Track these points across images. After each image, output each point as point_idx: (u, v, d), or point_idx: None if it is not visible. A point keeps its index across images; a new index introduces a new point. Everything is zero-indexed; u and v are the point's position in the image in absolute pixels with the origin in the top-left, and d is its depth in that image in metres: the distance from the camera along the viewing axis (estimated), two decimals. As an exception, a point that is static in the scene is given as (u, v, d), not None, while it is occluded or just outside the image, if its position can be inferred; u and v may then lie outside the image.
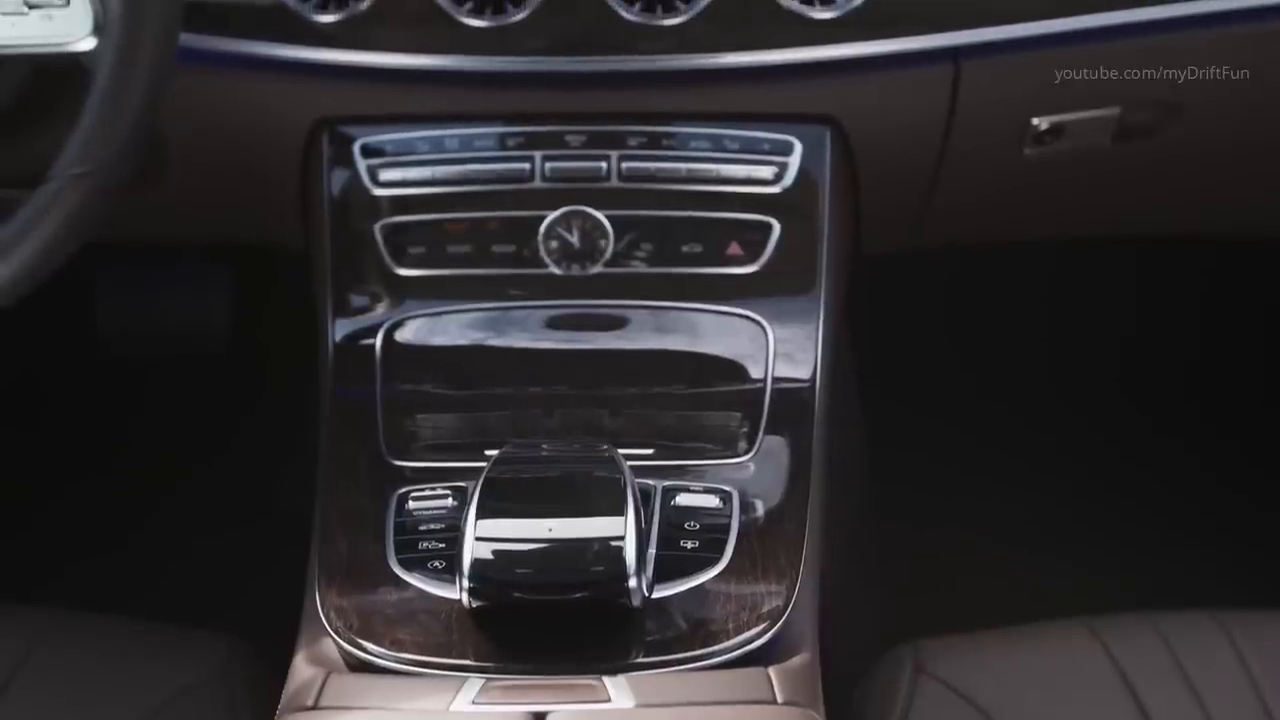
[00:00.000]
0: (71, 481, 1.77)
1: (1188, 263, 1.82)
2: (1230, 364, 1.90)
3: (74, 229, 0.95)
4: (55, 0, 0.94)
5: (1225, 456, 1.79)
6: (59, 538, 1.69)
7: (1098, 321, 1.91)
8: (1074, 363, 1.90)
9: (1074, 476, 1.78)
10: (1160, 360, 1.90)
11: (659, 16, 1.12)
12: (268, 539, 1.32)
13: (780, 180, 1.17)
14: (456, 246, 1.16)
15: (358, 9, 1.12)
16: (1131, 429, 1.83)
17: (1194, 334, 1.92)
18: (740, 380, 1.14)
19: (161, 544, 1.69)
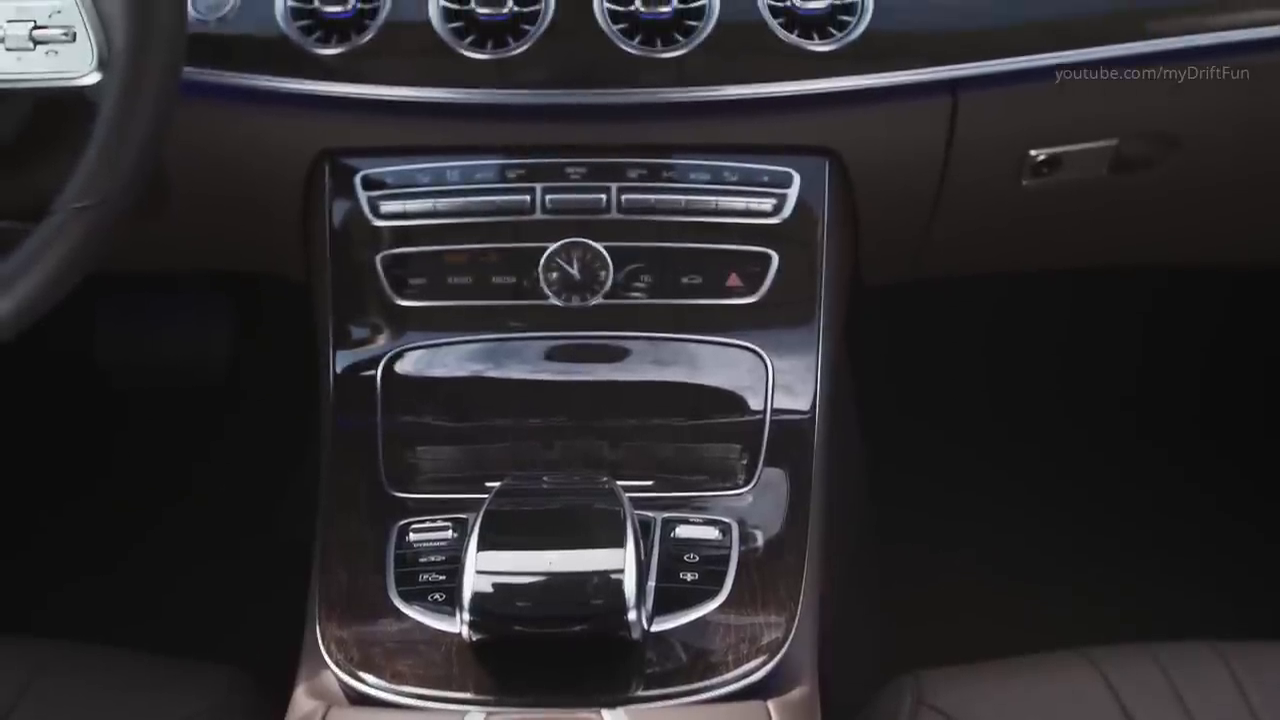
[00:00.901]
0: (72, 509, 1.77)
1: (1194, 289, 1.82)
2: (1236, 391, 1.90)
3: (77, 262, 0.96)
4: (61, 36, 0.95)
5: (1229, 484, 1.79)
6: (59, 565, 1.69)
7: (1101, 347, 1.91)
8: (1077, 388, 1.90)
9: (1074, 503, 1.78)
10: (1166, 386, 1.89)
11: (659, 49, 1.13)
12: (267, 567, 1.32)
13: (779, 212, 1.17)
14: (457, 278, 1.17)
15: (360, 42, 1.13)
16: (1135, 456, 1.83)
17: (1200, 360, 1.91)
18: (740, 412, 1.14)
19: (161, 572, 1.69)
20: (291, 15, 1.13)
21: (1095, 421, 1.87)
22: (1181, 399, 1.89)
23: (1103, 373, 1.91)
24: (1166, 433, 1.85)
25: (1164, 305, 1.88)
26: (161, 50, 0.94)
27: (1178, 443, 1.84)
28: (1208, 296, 1.86)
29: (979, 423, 1.83)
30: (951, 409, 1.83)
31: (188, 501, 1.76)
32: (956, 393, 1.85)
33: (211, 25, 1.13)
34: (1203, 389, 1.90)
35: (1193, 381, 1.90)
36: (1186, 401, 1.89)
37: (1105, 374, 1.91)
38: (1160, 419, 1.87)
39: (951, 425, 1.81)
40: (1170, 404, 1.88)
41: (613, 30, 1.13)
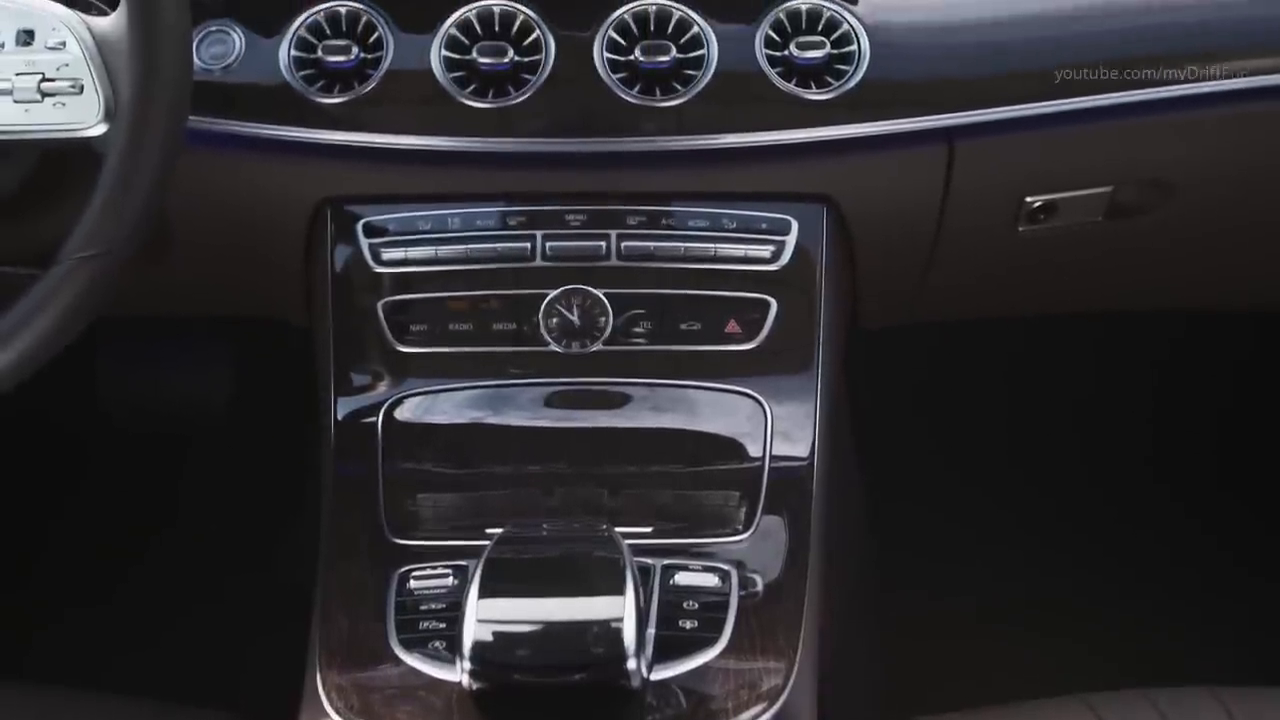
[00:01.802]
0: (71, 549, 1.77)
1: (1208, 333, 1.81)
2: (1250, 435, 1.88)
3: (81, 311, 0.96)
4: (69, 88, 0.96)
5: (1234, 530, 1.78)
6: (58, 605, 1.69)
7: (1109, 388, 1.91)
8: (1082, 431, 1.89)
9: (1075, 547, 1.78)
10: (1177, 429, 1.88)
11: (658, 98, 1.14)
12: (267, 610, 1.32)
13: (778, 259, 1.18)
14: (458, 324, 1.18)
15: (362, 91, 1.14)
16: (1139, 498, 1.83)
17: (1213, 402, 1.90)
18: (738, 459, 1.15)
19: (159, 613, 1.69)
20: (295, 65, 1.14)
21: (1102, 467, 1.86)
22: (1193, 442, 1.88)
23: (1110, 415, 1.90)
24: (1173, 475, 1.85)
25: (1176, 347, 1.88)
26: (167, 102, 0.96)
27: (1183, 485, 1.84)
28: (1221, 338, 1.85)
29: (981, 464, 1.83)
30: (955, 450, 1.83)
31: (187, 543, 1.76)
32: (960, 434, 1.85)
33: (216, 74, 1.14)
34: (1218, 432, 1.89)
35: (1207, 425, 1.89)
36: (1198, 445, 1.88)
37: (1112, 416, 1.90)
38: (1169, 461, 1.86)
39: (954, 466, 1.81)
40: (1180, 447, 1.87)
41: (612, 79, 1.14)
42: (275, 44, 1.14)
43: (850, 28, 1.15)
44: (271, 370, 1.74)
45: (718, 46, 1.14)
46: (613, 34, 1.15)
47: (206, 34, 1.14)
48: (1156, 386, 1.91)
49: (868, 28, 1.15)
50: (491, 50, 1.13)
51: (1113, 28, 1.18)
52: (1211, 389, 1.91)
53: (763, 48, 1.14)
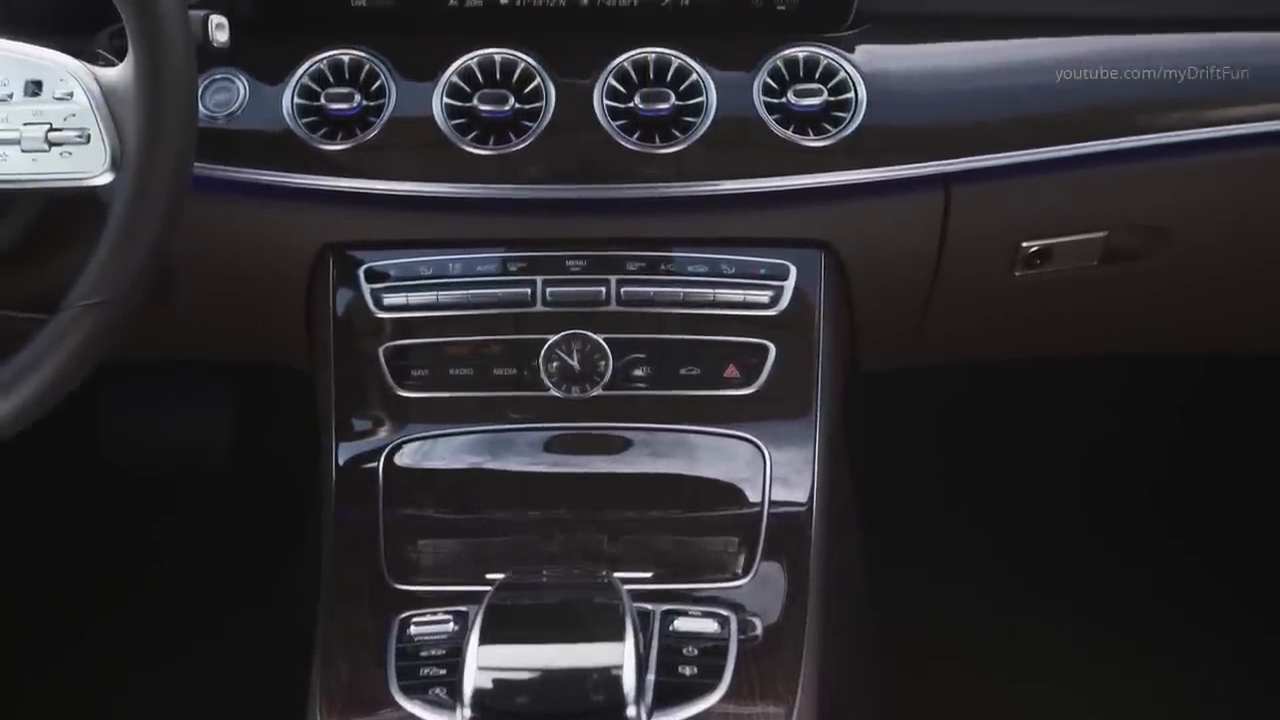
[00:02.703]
0: (71, 589, 1.77)
1: (1214, 375, 1.81)
2: (1260, 481, 1.86)
3: (87, 357, 0.97)
4: (76, 138, 0.97)
5: (1239, 575, 1.77)
6: (56, 644, 1.69)
7: (1109, 432, 1.90)
8: (1084, 475, 1.88)
9: (1076, 591, 1.77)
10: (1180, 475, 1.87)
11: (657, 145, 1.15)
12: (267, 653, 1.32)
13: (776, 304, 1.19)
14: (459, 369, 1.18)
15: (364, 138, 1.15)
16: (1142, 545, 1.82)
17: (1222, 447, 1.89)
18: (738, 504, 1.15)
19: (159, 654, 1.69)
20: (298, 112, 1.15)
21: (1101, 508, 1.85)
22: (1200, 486, 1.86)
23: (1112, 458, 1.89)
24: (1178, 521, 1.83)
25: (1181, 389, 1.87)
26: (172, 151, 0.97)
27: (1188, 530, 1.82)
28: (1227, 380, 1.84)
29: (982, 508, 1.82)
30: (955, 494, 1.83)
31: (187, 584, 1.76)
32: (960, 478, 1.84)
33: (220, 121, 1.15)
34: (1225, 476, 1.87)
35: (1214, 469, 1.88)
36: (1204, 489, 1.86)
37: (1115, 459, 1.89)
38: (1174, 507, 1.84)
39: (954, 510, 1.81)
40: (1186, 491, 1.86)
41: (612, 126, 1.15)
42: (279, 91, 1.16)
43: (847, 75, 1.16)
44: (272, 413, 1.74)
45: (716, 94, 1.15)
46: (613, 82, 1.16)
47: (211, 82, 1.16)
48: (1161, 429, 1.90)
49: (864, 75, 1.16)
50: (493, 98, 1.15)
51: (1105, 74, 1.19)
52: (1219, 432, 1.90)
53: (761, 95, 1.16)
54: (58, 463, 1.81)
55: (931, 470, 1.84)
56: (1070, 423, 1.90)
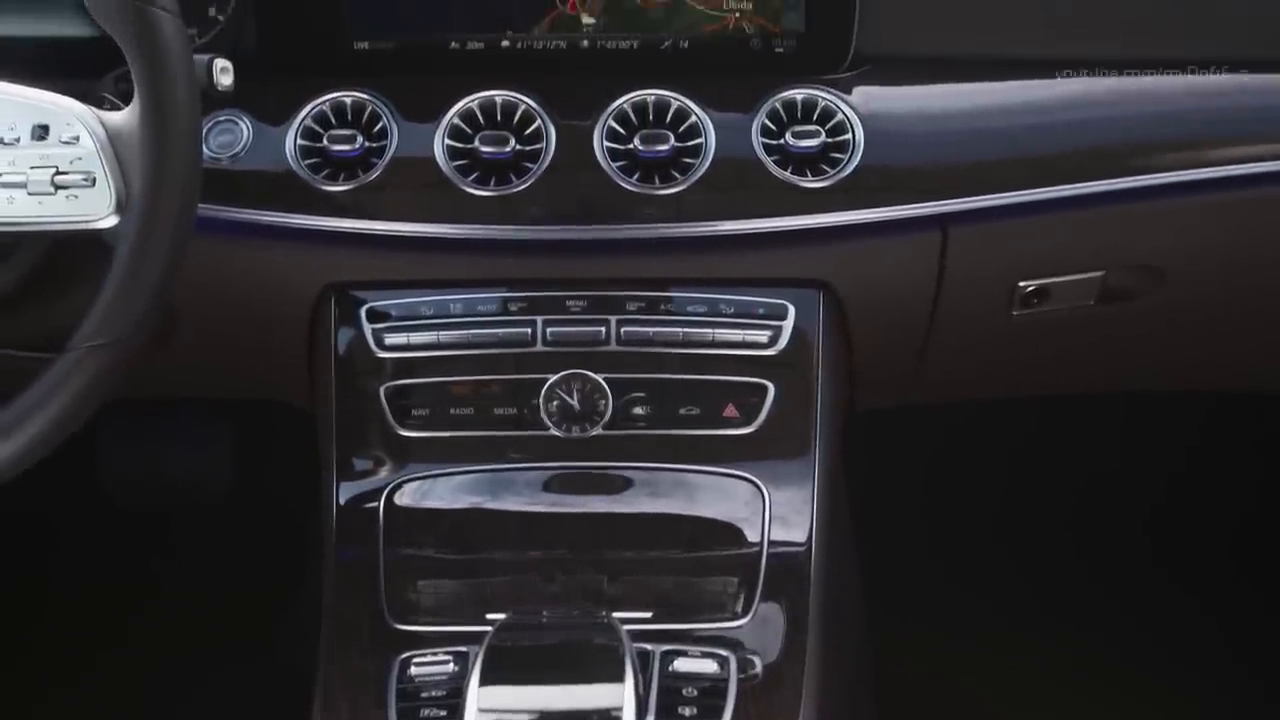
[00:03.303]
0: (70, 628, 1.77)
1: (1222, 412, 1.80)
2: (1264, 527, 1.84)
3: (90, 399, 0.98)
4: (81, 181, 0.98)
5: (1240, 625, 1.76)
6: (55, 684, 1.69)
7: (1110, 470, 1.89)
8: (1085, 514, 1.88)
9: (1075, 633, 1.76)
10: (1185, 515, 1.86)
11: (657, 186, 1.16)
12: (267, 692, 1.32)
13: (775, 343, 1.20)
14: (459, 408, 1.19)
15: (366, 179, 1.16)
16: (1139, 587, 1.81)
17: (1231, 487, 1.87)
18: (737, 544, 1.16)
19: (159, 694, 1.68)
20: (301, 153, 1.16)
21: (1101, 549, 1.84)
22: (1202, 527, 1.85)
23: (1113, 497, 1.88)
24: (1177, 565, 1.82)
25: (1181, 428, 1.86)
26: (177, 194, 0.97)
27: (1188, 576, 1.81)
28: (1230, 420, 1.83)
29: (982, 548, 1.82)
30: (955, 533, 1.82)
31: (187, 622, 1.76)
32: (960, 516, 1.84)
33: (224, 162, 1.16)
34: (1231, 518, 1.85)
35: (1218, 510, 1.86)
36: (1206, 534, 1.84)
37: (1116, 498, 1.88)
38: (1174, 550, 1.83)
39: (954, 550, 1.80)
40: (1187, 536, 1.84)
41: (612, 168, 1.16)
42: (282, 133, 1.17)
43: (845, 117, 1.17)
44: (272, 451, 1.74)
45: (715, 135, 1.16)
46: (612, 123, 1.17)
47: (215, 123, 1.17)
48: (1161, 467, 1.89)
49: (862, 116, 1.17)
50: (494, 139, 1.16)
51: (1102, 115, 1.20)
52: (1219, 470, 1.89)
53: (759, 136, 1.16)
54: (57, 498, 1.81)
55: (930, 507, 1.84)
56: (1070, 460, 1.90)
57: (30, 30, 1.17)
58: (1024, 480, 1.87)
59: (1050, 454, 1.89)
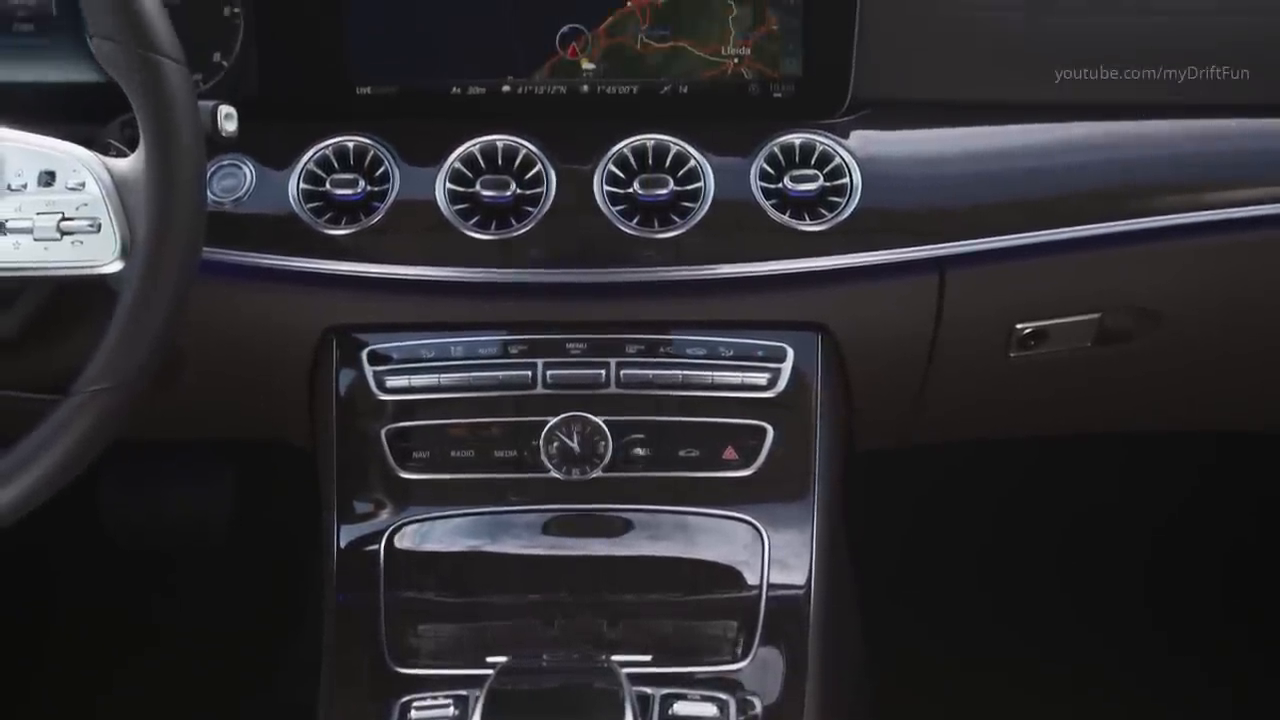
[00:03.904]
0: (69, 665, 1.76)
1: (1223, 452, 1.79)
2: (1261, 571, 1.84)
3: (94, 443, 0.98)
4: (87, 227, 0.99)
5: (1234, 670, 1.75)
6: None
7: (1114, 511, 1.89)
8: (1089, 554, 1.87)
9: (1076, 674, 1.75)
10: (1180, 561, 1.85)
11: (656, 229, 1.17)
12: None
13: (774, 386, 1.20)
14: (459, 451, 1.20)
15: (368, 223, 1.17)
16: (1134, 638, 1.79)
17: (1231, 527, 1.87)
18: (737, 587, 1.16)
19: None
20: (303, 197, 1.17)
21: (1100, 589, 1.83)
22: (1200, 567, 1.84)
23: (1112, 538, 1.87)
24: (1172, 609, 1.81)
25: (1181, 470, 1.85)
26: (182, 240, 0.98)
27: (1184, 621, 1.80)
28: (1233, 461, 1.82)
29: (982, 589, 1.81)
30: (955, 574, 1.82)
31: (188, 662, 1.75)
32: (960, 557, 1.83)
33: (227, 206, 1.17)
34: (1228, 560, 1.84)
35: (1216, 550, 1.85)
36: (1203, 581, 1.83)
37: (1114, 539, 1.88)
38: (1170, 593, 1.82)
39: (954, 591, 1.80)
40: (1185, 580, 1.83)
41: (612, 211, 1.17)
42: (285, 177, 1.18)
43: (842, 161, 1.18)
44: (272, 491, 1.75)
45: (714, 179, 1.17)
46: (612, 167, 1.18)
47: (219, 167, 1.18)
48: (1158, 509, 1.88)
49: (859, 160, 1.18)
50: (494, 183, 1.16)
51: (1099, 158, 1.21)
52: (1219, 511, 1.88)
53: (758, 180, 1.17)
54: (58, 537, 1.81)
55: (931, 548, 1.84)
56: (1071, 500, 1.89)
57: (38, 76, 1.19)
58: (1025, 521, 1.87)
59: (1051, 493, 1.89)
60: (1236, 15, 1.20)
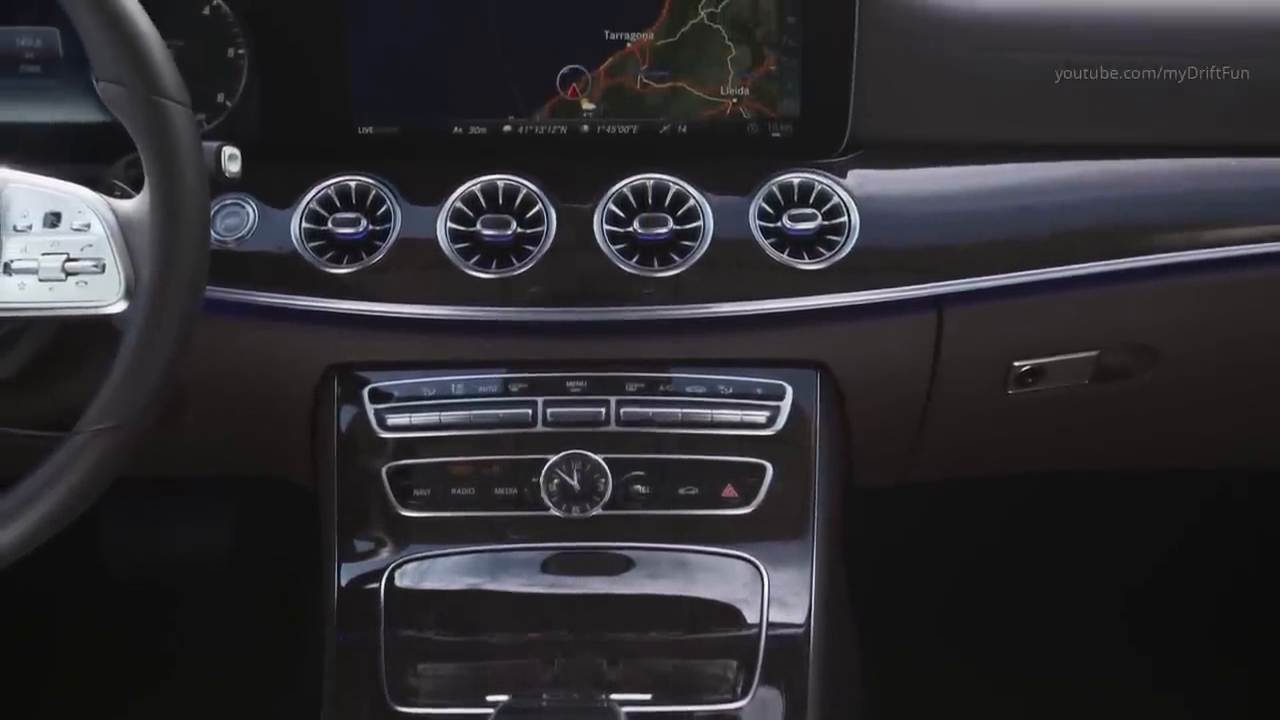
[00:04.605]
0: (67, 701, 1.76)
1: (1222, 490, 1.79)
2: (1265, 602, 1.84)
3: (97, 481, 0.99)
4: (92, 267, 0.99)
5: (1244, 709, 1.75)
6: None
7: (1107, 548, 1.89)
8: (1085, 591, 1.87)
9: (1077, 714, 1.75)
10: (1178, 597, 1.85)
11: (656, 268, 1.18)
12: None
13: (773, 423, 1.21)
14: (460, 489, 1.20)
15: (370, 262, 1.18)
16: (1132, 680, 1.79)
17: (1227, 565, 1.86)
18: (736, 625, 1.16)
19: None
20: (306, 236, 1.18)
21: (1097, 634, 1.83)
22: (1194, 613, 1.83)
23: (1106, 580, 1.87)
24: (1173, 651, 1.81)
25: (1182, 508, 1.84)
26: (185, 281, 0.99)
27: (1188, 662, 1.80)
28: (1231, 496, 1.81)
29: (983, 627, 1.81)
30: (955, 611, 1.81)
31: (188, 697, 1.75)
32: (960, 594, 1.83)
33: (230, 245, 1.18)
34: (1223, 598, 1.83)
35: (1209, 587, 1.84)
36: (1198, 616, 1.83)
37: (1110, 580, 1.87)
38: (1166, 631, 1.82)
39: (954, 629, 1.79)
40: (1184, 615, 1.83)
41: (612, 250, 1.18)
42: (287, 216, 1.18)
43: (840, 200, 1.19)
44: (273, 527, 1.75)
45: (713, 218, 1.18)
46: (612, 207, 1.19)
47: (222, 207, 1.18)
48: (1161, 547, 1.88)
49: (857, 199, 1.19)
50: (495, 223, 1.17)
51: (1096, 197, 1.21)
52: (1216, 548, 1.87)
53: (756, 219, 1.18)
54: (57, 573, 1.81)
55: (931, 585, 1.83)
56: (1071, 537, 1.89)
57: (44, 116, 1.20)
58: (1026, 559, 1.86)
59: (1050, 528, 1.89)
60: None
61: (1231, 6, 1.23)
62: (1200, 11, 1.22)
